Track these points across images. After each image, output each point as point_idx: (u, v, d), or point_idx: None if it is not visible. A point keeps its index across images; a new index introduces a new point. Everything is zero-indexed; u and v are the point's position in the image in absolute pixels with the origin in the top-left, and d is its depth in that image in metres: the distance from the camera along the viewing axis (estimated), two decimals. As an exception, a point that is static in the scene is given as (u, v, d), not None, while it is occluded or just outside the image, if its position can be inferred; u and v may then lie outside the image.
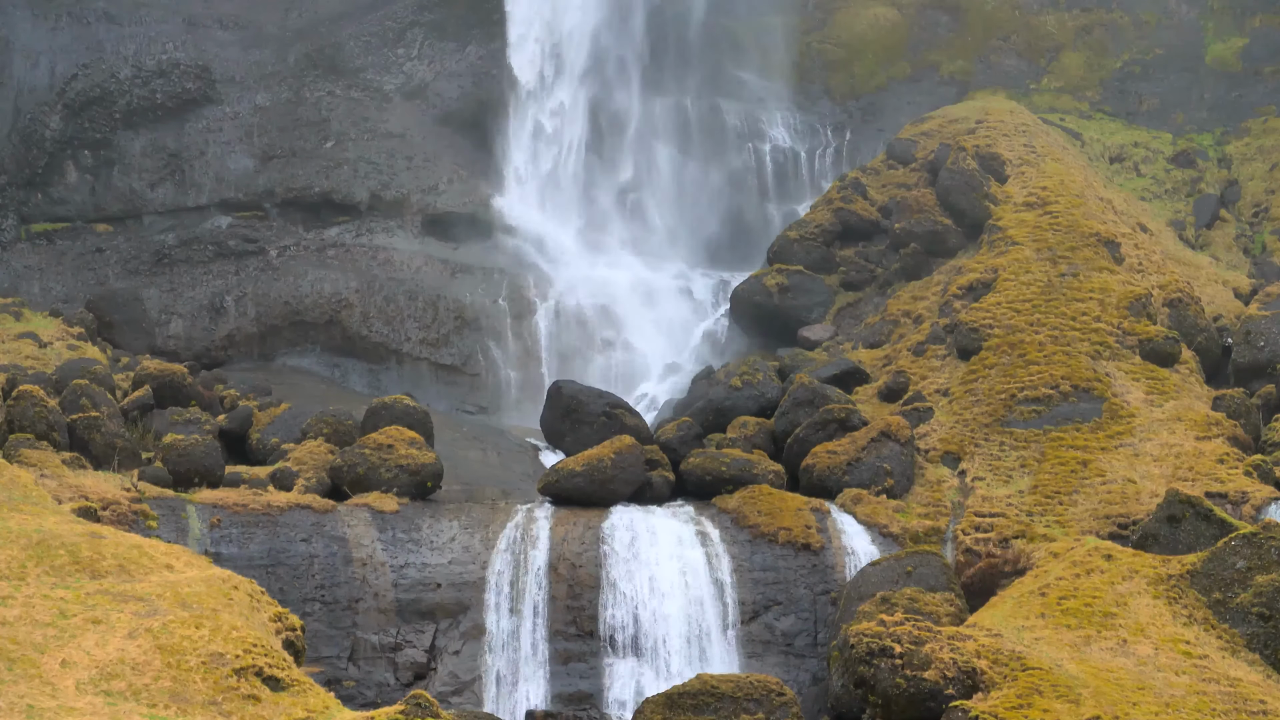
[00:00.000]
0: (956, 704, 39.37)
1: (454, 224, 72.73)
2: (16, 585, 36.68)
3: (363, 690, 46.78)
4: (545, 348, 70.16)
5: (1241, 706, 39.77)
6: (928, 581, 47.13)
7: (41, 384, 52.78)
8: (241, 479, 50.45)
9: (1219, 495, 50.45)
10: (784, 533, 49.95)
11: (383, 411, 53.81)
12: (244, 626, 36.18)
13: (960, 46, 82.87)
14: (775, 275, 67.84)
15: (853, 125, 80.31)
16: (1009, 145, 69.58)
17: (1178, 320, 60.11)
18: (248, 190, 72.07)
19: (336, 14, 75.63)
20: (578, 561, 48.85)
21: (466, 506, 50.91)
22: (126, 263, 69.77)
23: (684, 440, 55.31)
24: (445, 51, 75.61)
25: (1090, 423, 54.45)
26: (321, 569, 47.76)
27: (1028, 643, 42.04)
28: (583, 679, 47.73)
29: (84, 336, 62.84)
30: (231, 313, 69.01)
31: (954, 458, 54.52)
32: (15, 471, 44.95)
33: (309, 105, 73.64)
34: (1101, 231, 63.07)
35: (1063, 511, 51.03)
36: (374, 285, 69.69)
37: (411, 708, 34.51)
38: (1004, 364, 57.22)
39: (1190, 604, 43.64)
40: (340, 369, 69.30)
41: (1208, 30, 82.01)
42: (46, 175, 70.69)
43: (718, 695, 41.45)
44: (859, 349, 62.75)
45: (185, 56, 72.86)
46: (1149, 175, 75.72)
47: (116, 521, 45.55)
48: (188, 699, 33.72)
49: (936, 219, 66.30)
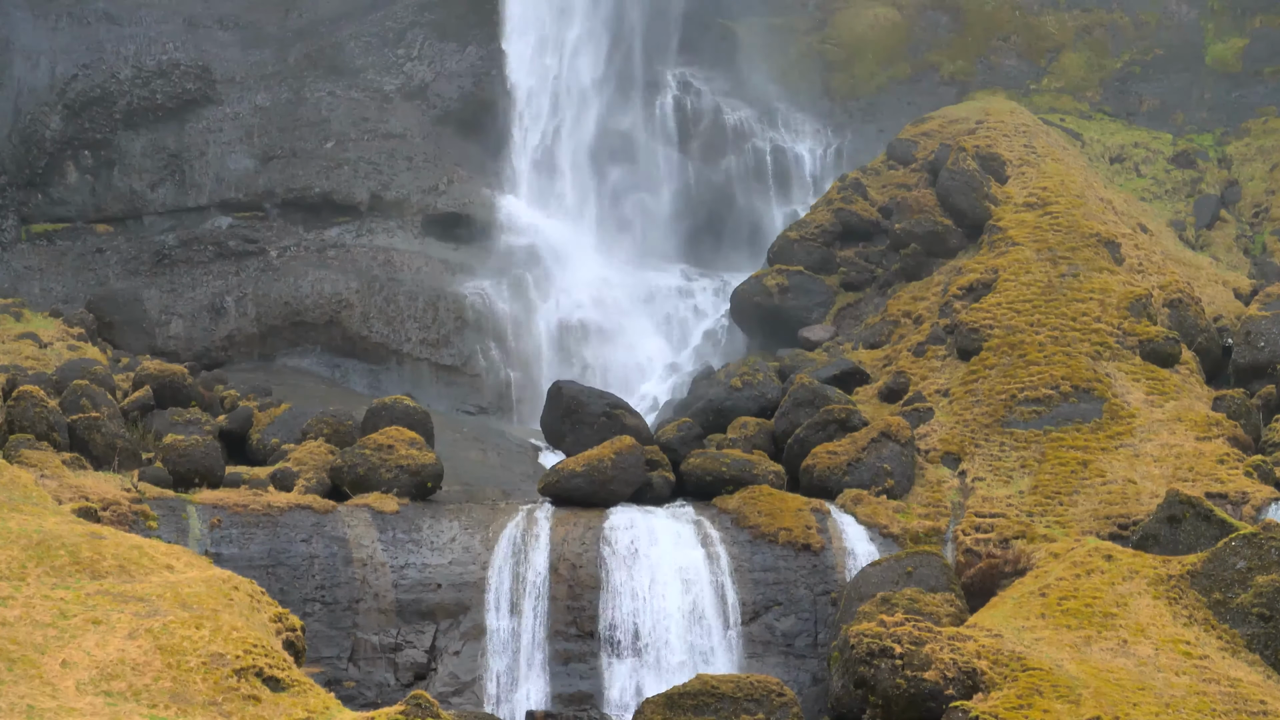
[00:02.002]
0: (957, 704, 39.37)
1: (454, 224, 72.71)
2: (17, 585, 36.67)
3: (363, 690, 46.76)
4: (545, 348, 70.15)
5: (1241, 707, 39.77)
6: (928, 582, 47.12)
7: (42, 384, 52.74)
8: (242, 479, 50.42)
9: (1219, 496, 50.43)
10: (784, 533, 49.92)
11: (383, 412, 53.80)
12: (244, 627, 36.17)
13: (960, 47, 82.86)
14: (775, 275, 67.84)
15: (853, 125, 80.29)
16: (1009, 145, 69.55)
17: (1178, 321, 60.08)
18: (248, 190, 72.07)
19: (336, 14, 75.63)
20: (578, 562, 48.83)
21: (467, 507, 50.88)
22: (126, 263, 69.77)
23: (684, 440, 55.28)
24: (445, 52, 75.61)
25: (1090, 423, 54.43)
26: (322, 569, 47.74)
27: (1028, 643, 42.03)
28: (583, 679, 47.71)
29: (84, 337, 62.83)
30: (232, 313, 68.99)
31: (954, 458, 54.50)
32: (15, 472, 44.92)
33: (309, 105, 73.64)
34: (1102, 232, 63.05)
35: (1063, 512, 51.01)
36: (374, 285, 69.67)
37: (411, 708, 34.50)
38: (1004, 364, 57.20)
39: (1190, 604, 43.63)
40: (340, 369, 69.30)
41: (1208, 30, 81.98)
42: (46, 175, 70.69)
43: (718, 695, 41.44)
44: (859, 349, 62.73)
45: (185, 56, 72.87)
46: (1149, 175, 75.71)
47: (117, 522, 45.53)
48: (188, 699, 33.71)
49: (936, 219, 66.27)
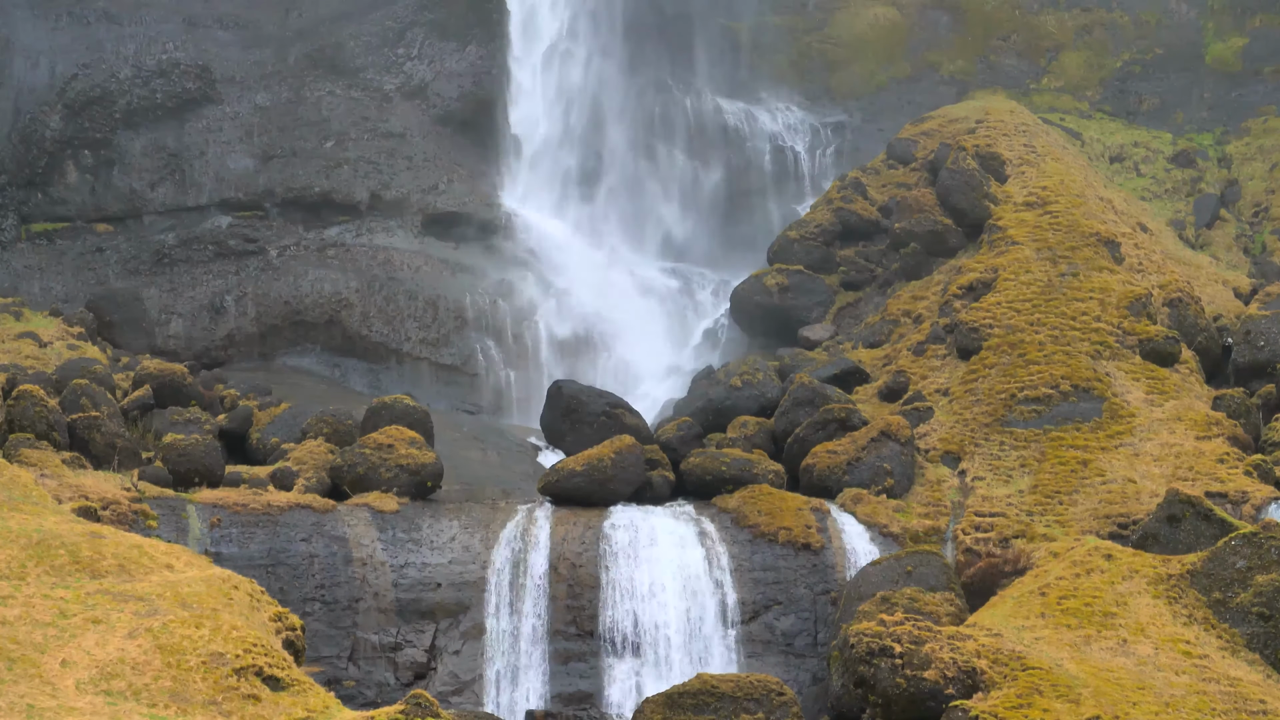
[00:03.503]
0: (956, 704, 39.36)
1: (454, 224, 72.71)
2: (16, 585, 36.67)
3: (363, 690, 46.76)
4: (545, 347, 70.14)
5: (1241, 706, 39.76)
6: (928, 581, 47.12)
7: (42, 384, 52.74)
8: (242, 479, 50.42)
9: (1219, 495, 50.43)
10: (784, 532, 49.92)
11: (383, 411, 53.80)
12: (244, 626, 36.17)
13: (960, 46, 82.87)
14: (775, 275, 67.85)
15: (853, 125, 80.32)
16: (1009, 145, 69.55)
17: (1178, 320, 60.07)
18: (248, 190, 72.06)
19: (336, 14, 75.64)
20: (578, 561, 48.83)
21: (466, 506, 50.88)
22: (126, 263, 69.76)
23: (684, 440, 55.29)
24: (445, 51, 75.61)
25: (1090, 422, 54.43)
26: (321, 569, 47.73)
27: (1028, 642, 42.03)
28: (582, 679, 47.70)
29: (84, 336, 62.83)
30: (231, 312, 68.99)
31: (954, 457, 54.51)
32: (15, 471, 44.93)
33: (309, 105, 73.64)
34: (1101, 231, 63.04)
35: (1063, 511, 51.01)
36: (374, 285, 69.67)
37: (411, 707, 34.50)
38: (1004, 364, 57.20)
39: (1190, 604, 43.63)
40: (340, 369, 69.29)
41: (1208, 30, 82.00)
42: (46, 175, 70.68)
43: (718, 695, 41.43)
44: (859, 349, 62.73)
45: (185, 56, 72.87)
46: (1149, 175, 75.71)
47: (116, 521, 45.53)
48: (188, 699, 33.71)
49: (936, 219, 66.26)
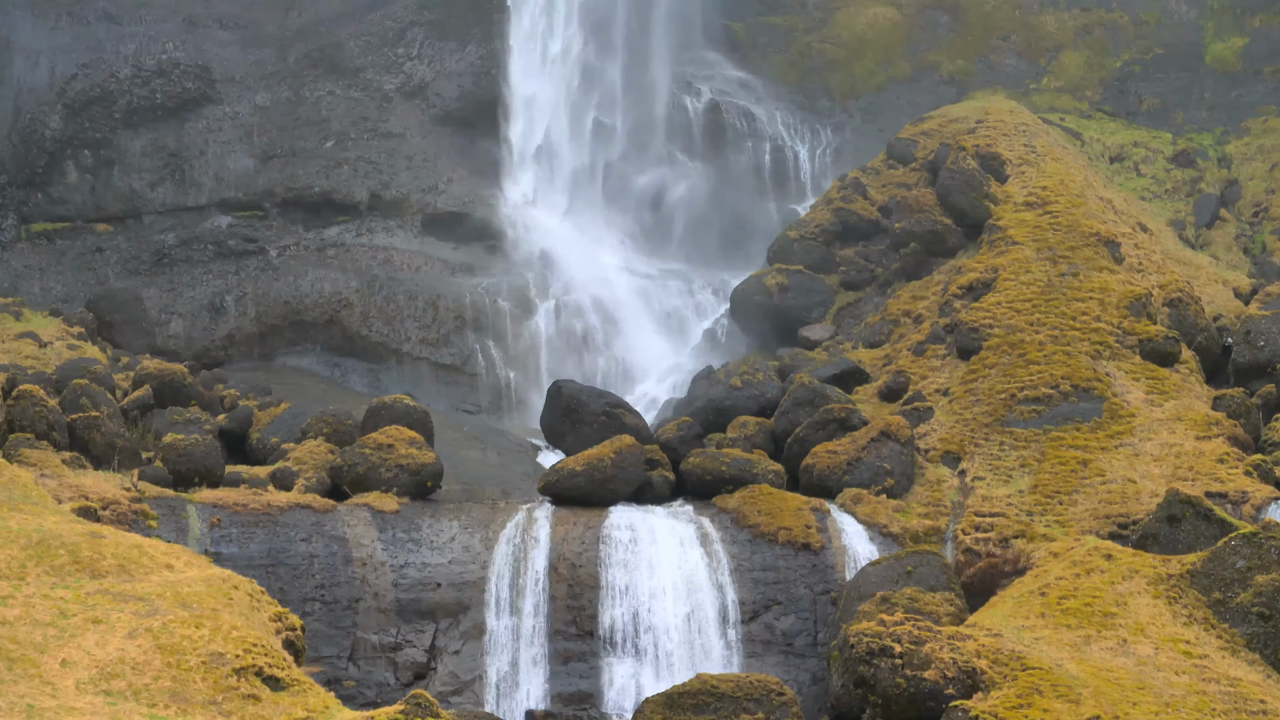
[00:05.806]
0: (956, 704, 39.36)
1: (454, 224, 72.73)
2: (16, 585, 36.67)
3: (363, 690, 46.75)
4: (545, 347, 70.14)
5: (1241, 706, 39.76)
6: (928, 581, 47.12)
7: (41, 384, 52.74)
8: (241, 479, 50.42)
9: (1219, 495, 50.42)
10: (784, 532, 49.92)
11: (383, 411, 53.79)
12: (244, 626, 36.17)
13: (960, 46, 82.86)
14: (775, 275, 67.83)
15: (853, 125, 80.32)
16: (1009, 145, 69.53)
17: (1178, 320, 60.06)
18: (248, 190, 72.09)
19: (336, 14, 75.67)
20: (578, 561, 48.83)
21: (466, 506, 50.88)
22: (126, 263, 69.79)
23: (684, 440, 55.27)
24: (445, 51, 75.62)
25: (1090, 422, 54.43)
26: (321, 569, 47.74)
27: (1028, 642, 42.03)
28: (582, 679, 47.70)
29: (84, 336, 62.83)
30: (231, 312, 69.01)
31: (954, 457, 54.50)
32: (15, 471, 44.93)
33: (309, 105, 73.66)
34: (1101, 231, 63.04)
35: (1063, 511, 51.00)
36: (374, 285, 69.69)
37: (411, 708, 34.49)
38: (1004, 364, 57.20)
39: (1190, 604, 43.62)
40: (340, 369, 69.31)
41: (1208, 30, 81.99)
42: (46, 175, 70.70)
43: (718, 695, 41.43)
44: (859, 349, 62.72)
45: (185, 56, 72.90)
46: (1149, 175, 75.69)
47: (116, 521, 45.53)
48: (188, 699, 33.71)
49: (936, 219, 66.25)
